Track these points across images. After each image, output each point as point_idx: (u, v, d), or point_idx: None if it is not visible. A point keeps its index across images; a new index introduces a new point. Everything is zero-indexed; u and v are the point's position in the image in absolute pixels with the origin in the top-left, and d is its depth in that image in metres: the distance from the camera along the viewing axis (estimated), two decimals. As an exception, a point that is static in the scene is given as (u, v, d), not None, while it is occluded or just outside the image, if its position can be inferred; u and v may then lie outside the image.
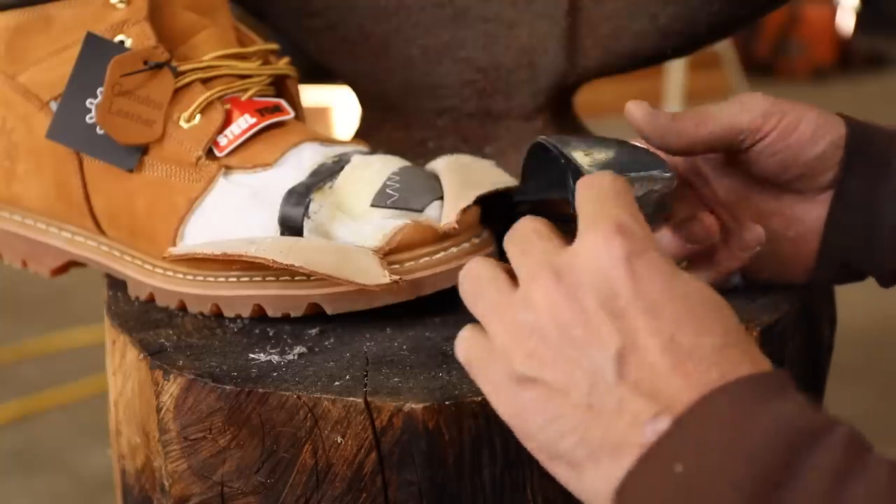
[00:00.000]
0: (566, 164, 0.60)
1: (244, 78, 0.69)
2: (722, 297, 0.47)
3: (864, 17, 6.44)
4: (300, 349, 0.61)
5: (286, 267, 0.60)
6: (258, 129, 0.67)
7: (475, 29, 0.76)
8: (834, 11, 6.18)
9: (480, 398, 0.55)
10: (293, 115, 0.69)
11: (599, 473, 0.45)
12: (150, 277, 0.68)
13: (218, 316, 0.65)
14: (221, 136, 0.67)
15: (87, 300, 2.20)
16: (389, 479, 0.56)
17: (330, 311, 0.63)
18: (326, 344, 0.62)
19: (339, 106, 2.64)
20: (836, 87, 5.77)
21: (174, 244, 0.66)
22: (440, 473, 0.56)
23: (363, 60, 0.79)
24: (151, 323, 0.65)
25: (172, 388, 0.59)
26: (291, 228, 0.64)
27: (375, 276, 0.60)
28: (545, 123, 0.78)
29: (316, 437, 0.56)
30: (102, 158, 0.68)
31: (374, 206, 0.64)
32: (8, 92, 0.70)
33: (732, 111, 0.62)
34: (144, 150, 0.67)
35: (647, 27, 0.74)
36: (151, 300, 0.68)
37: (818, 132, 0.62)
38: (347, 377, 0.58)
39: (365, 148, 0.70)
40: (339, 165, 0.66)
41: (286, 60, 0.72)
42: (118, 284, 0.71)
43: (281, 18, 0.80)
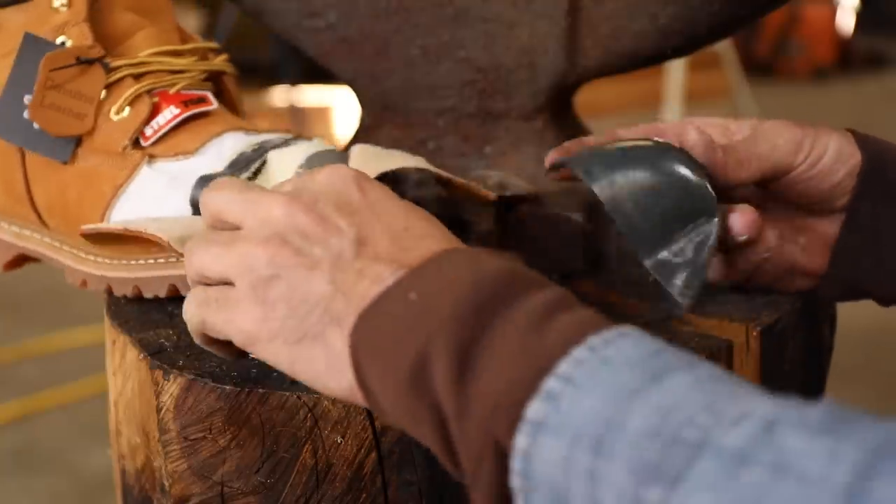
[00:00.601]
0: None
1: (176, 73, 0.72)
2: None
3: (864, 17, 6.45)
4: (300, 349, 0.61)
5: (179, 253, 0.63)
6: (181, 119, 0.70)
7: (475, 29, 0.76)
8: (834, 11, 6.18)
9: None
10: (216, 105, 0.72)
11: (341, 330, 0.48)
12: (82, 264, 0.71)
13: (141, 297, 0.67)
14: (147, 126, 0.70)
15: (87, 300, 2.20)
16: (389, 479, 0.56)
17: None
18: (326, 344, 0.62)
19: (339, 106, 2.64)
20: (836, 86, 5.77)
21: None
22: (440, 473, 0.56)
23: (363, 60, 0.79)
24: (151, 323, 0.65)
25: (172, 388, 0.59)
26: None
27: None
28: (545, 123, 0.78)
29: (316, 437, 0.56)
30: (39, 152, 0.71)
31: None
32: None
33: (765, 151, 0.62)
34: (78, 142, 0.70)
35: (647, 27, 0.74)
36: (84, 286, 0.71)
37: (837, 162, 0.62)
38: (347, 377, 0.58)
39: (288, 135, 0.71)
40: (258, 154, 0.68)
41: (223, 58, 0.75)
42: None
43: (281, 18, 0.80)
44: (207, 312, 0.52)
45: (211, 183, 0.56)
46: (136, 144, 0.70)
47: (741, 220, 0.62)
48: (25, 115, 0.70)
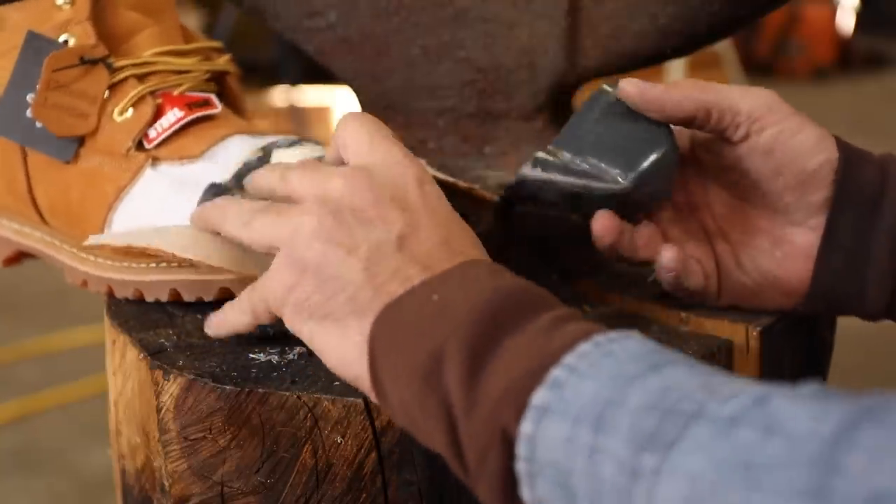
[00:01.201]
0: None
1: (179, 74, 0.71)
2: None
3: (864, 17, 6.44)
4: (300, 349, 0.61)
5: (186, 261, 0.63)
6: (185, 122, 0.70)
7: (475, 29, 0.76)
8: (834, 11, 6.18)
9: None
10: (220, 108, 0.72)
11: (363, 322, 0.51)
12: (82, 264, 0.70)
13: (142, 299, 0.67)
14: (151, 128, 0.69)
15: (87, 300, 2.20)
16: (389, 479, 0.56)
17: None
18: (326, 344, 0.62)
19: (339, 106, 2.64)
20: (836, 86, 5.77)
21: (102, 231, 0.69)
22: (440, 473, 0.56)
23: (363, 60, 0.79)
24: (151, 323, 0.65)
25: (172, 388, 0.59)
26: None
27: None
28: (545, 123, 0.78)
29: (316, 437, 0.56)
30: (42, 151, 0.71)
31: None
32: None
33: (734, 93, 0.62)
34: (81, 142, 0.70)
35: (647, 27, 0.74)
36: (85, 286, 0.70)
37: (816, 148, 0.61)
38: (347, 377, 0.58)
39: (293, 138, 0.71)
40: (262, 162, 0.68)
41: (226, 58, 0.75)
42: (118, 284, 0.71)
43: (281, 18, 0.80)
44: (262, 230, 0.56)
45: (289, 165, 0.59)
46: (139, 146, 0.69)
47: (667, 255, 0.62)
48: (28, 113, 0.70)
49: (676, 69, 3.67)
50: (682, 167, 0.65)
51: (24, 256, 0.77)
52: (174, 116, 0.70)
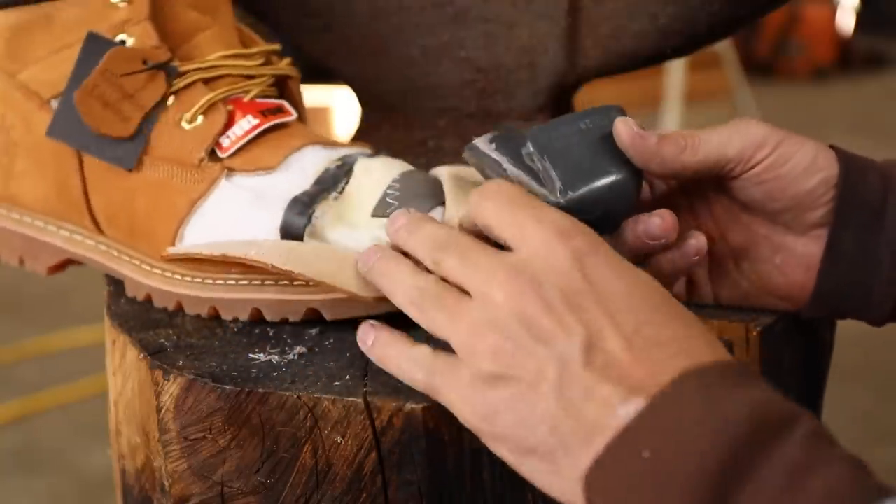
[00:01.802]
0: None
1: (246, 78, 0.69)
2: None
3: (864, 17, 6.45)
4: (300, 349, 0.61)
5: (285, 273, 0.60)
6: (261, 130, 0.67)
7: (475, 29, 0.76)
8: (834, 11, 6.19)
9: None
10: (295, 116, 0.69)
11: (572, 460, 0.46)
12: (147, 278, 0.67)
13: (217, 317, 0.65)
14: (224, 137, 0.66)
15: (87, 300, 2.21)
16: (389, 479, 0.56)
17: (328, 317, 0.62)
18: (326, 344, 0.62)
19: (339, 106, 2.64)
20: (836, 87, 5.77)
21: (173, 245, 0.66)
22: (440, 473, 0.56)
23: (363, 60, 0.79)
24: (151, 323, 0.65)
25: (172, 388, 0.59)
26: (292, 236, 0.64)
27: (374, 287, 0.60)
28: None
29: (316, 437, 0.56)
30: (102, 157, 0.67)
31: (374, 216, 0.63)
32: (8, 90, 0.70)
33: (722, 139, 0.60)
34: (145, 149, 0.67)
35: (647, 27, 0.74)
36: (149, 301, 0.67)
37: (810, 168, 0.60)
38: (347, 377, 0.58)
39: (367, 150, 0.70)
40: (342, 171, 0.66)
41: (288, 61, 0.72)
42: (118, 284, 0.71)
43: (281, 18, 0.80)
44: (433, 379, 0.51)
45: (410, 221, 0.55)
46: (211, 155, 0.66)
47: (658, 223, 0.59)
48: None
49: (676, 69, 3.67)
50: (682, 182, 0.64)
51: (70, 264, 0.74)
52: (248, 124, 0.66)
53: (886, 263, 0.61)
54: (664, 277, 0.62)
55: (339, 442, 0.56)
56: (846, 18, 6.19)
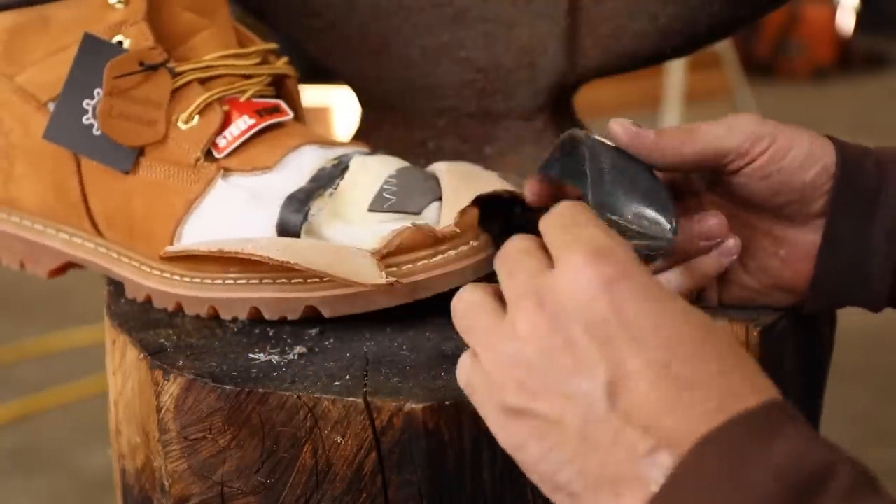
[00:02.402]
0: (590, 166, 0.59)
1: (243, 78, 0.69)
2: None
3: (864, 17, 6.45)
4: (300, 349, 0.61)
5: (281, 264, 0.60)
6: (257, 130, 0.67)
7: (475, 29, 0.76)
8: (834, 11, 6.19)
9: (480, 398, 0.55)
10: (292, 115, 0.69)
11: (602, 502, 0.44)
12: (146, 279, 0.67)
13: (217, 317, 0.65)
14: (220, 137, 0.66)
15: (87, 300, 2.20)
16: (389, 479, 0.56)
17: (327, 314, 0.62)
18: (326, 344, 0.62)
19: (339, 106, 2.64)
20: (836, 87, 5.77)
21: (171, 245, 0.66)
22: (440, 473, 0.56)
23: (363, 60, 0.79)
24: (151, 323, 0.65)
25: (172, 388, 0.59)
26: (289, 234, 0.64)
27: (371, 276, 0.59)
28: (545, 123, 0.78)
29: (316, 437, 0.56)
30: (98, 160, 0.67)
31: (371, 210, 0.64)
32: (5, 93, 0.70)
33: (720, 133, 0.60)
34: (141, 151, 0.67)
35: (647, 27, 0.74)
36: (149, 302, 0.67)
37: (809, 159, 0.61)
38: (347, 377, 0.58)
39: (365, 149, 0.70)
40: (338, 169, 0.66)
41: (285, 60, 0.72)
42: (118, 284, 0.71)
43: (281, 18, 0.80)
44: (471, 394, 0.49)
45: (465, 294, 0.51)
46: (208, 156, 0.66)
47: (716, 223, 0.61)
48: (85, 120, 0.67)
49: (676, 69, 3.67)
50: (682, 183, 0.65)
51: (71, 267, 0.73)
52: (244, 124, 0.66)
53: (882, 250, 0.61)
54: (706, 279, 0.63)
55: (339, 442, 0.56)
56: (846, 18, 6.19)
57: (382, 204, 0.63)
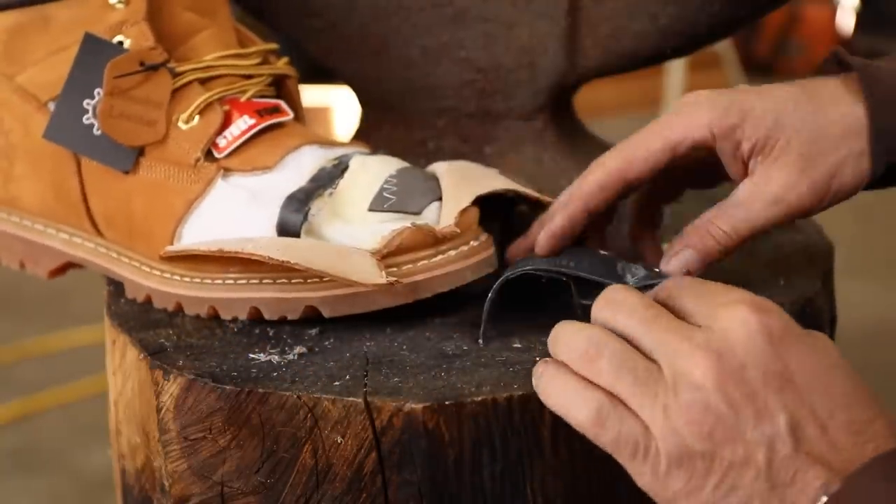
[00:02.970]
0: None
1: (243, 78, 0.69)
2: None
3: (864, 17, 6.44)
4: (300, 349, 0.61)
5: (281, 264, 0.60)
6: (257, 130, 0.67)
7: (475, 29, 0.76)
8: (834, 11, 6.18)
9: (480, 398, 0.55)
10: (292, 116, 0.69)
11: None
12: (146, 279, 0.67)
13: (217, 317, 0.65)
14: (220, 137, 0.66)
15: (87, 300, 2.20)
16: (389, 479, 0.56)
17: (327, 314, 0.62)
18: (326, 344, 0.62)
19: (339, 106, 2.64)
20: (836, 87, 5.76)
21: (171, 245, 0.66)
22: (440, 473, 0.56)
23: (363, 60, 0.79)
24: (151, 323, 0.65)
25: (172, 388, 0.59)
26: (289, 234, 0.64)
27: (371, 275, 0.59)
28: (545, 123, 0.78)
29: (316, 437, 0.56)
30: (98, 160, 0.67)
31: (371, 210, 0.63)
32: (5, 92, 0.70)
33: (655, 129, 0.62)
34: (141, 151, 0.67)
35: (647, 27, 0.74)
36: (149, 302, 0.67)
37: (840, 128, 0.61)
38: (347, 377, 0.58)
39: (365, 149, 0.70)
40: (338, 169, 0.66)
41: (285, 60, 0.72)
42: (118, 284, 0.71)
43: (281, 18, 0.80)
44: (620, 452, 0.50)
45: (607, 294, 0.54)
46: (208, 156, 0.66)
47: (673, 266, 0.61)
48: (85, 120, 0.67)
49: (676, 69, 3.67)
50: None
51: (71, 267, 0.73)
52: (245, 124, 0.66)
53: None
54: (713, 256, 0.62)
55: (339, 442, 0.56)
56: (846, 18, 6.18)
57: (382, 204, 0.63)
